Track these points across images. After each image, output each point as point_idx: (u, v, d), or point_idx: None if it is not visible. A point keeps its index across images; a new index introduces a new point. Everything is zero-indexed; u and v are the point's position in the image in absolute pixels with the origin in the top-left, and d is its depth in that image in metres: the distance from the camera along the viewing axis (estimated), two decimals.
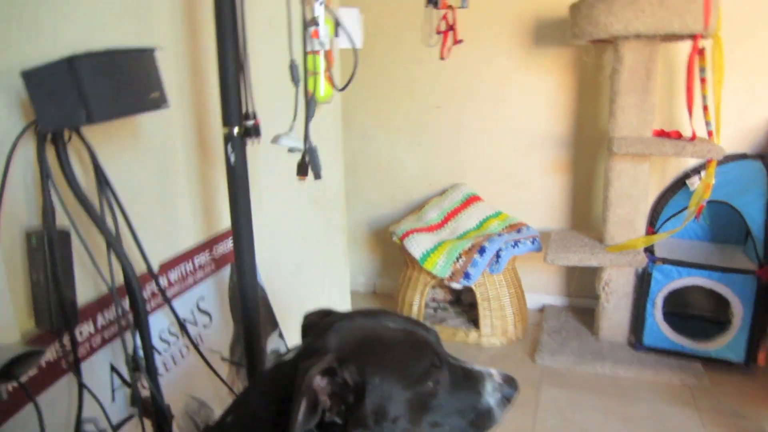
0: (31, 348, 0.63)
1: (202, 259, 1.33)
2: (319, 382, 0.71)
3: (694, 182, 2.38)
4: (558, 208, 2.85)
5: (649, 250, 2.45)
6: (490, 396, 0.82)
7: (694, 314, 2.66)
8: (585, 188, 2.78)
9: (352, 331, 0.79)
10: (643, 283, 2.39)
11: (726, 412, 2.09)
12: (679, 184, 2.51)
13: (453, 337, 2.68)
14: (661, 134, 2.35)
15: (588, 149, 2.73)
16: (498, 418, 0.83)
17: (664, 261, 2.34)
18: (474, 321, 2.73)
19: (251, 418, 0.77)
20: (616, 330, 2.53)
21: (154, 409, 1.03)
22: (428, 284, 2.65)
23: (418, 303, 2.70)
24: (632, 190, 2.34)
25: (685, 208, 2.41)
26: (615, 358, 2.41)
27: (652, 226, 2.57)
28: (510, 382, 0.84)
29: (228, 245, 1.42)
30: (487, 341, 2.64)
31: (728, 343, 2.30)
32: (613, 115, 2.29)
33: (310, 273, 1.85)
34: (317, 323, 0.84)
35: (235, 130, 1.11)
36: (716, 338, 2.32)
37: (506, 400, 0.83)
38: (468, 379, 0.82)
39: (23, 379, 0.82)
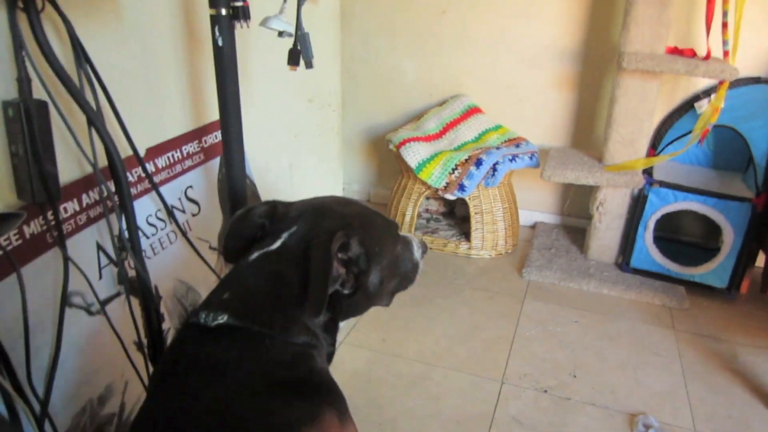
0: (10, 210, 0.62)
1: (190, 148, 1.31)
2: (335, 253, 0.79)
3: (702, 105, 2.31)
4: (559, 125, 2.80)
5: (648, 172, 2.43)
6: (417, 253, 1.07)
7: (683, 240, 2.69)
8: (589, 106, 2.72)
9: (339, 212, 0.87)
10: (637, 205, 2.39)
11: (702, 335, 2.15)
12: (687, 106, 2.45)
13: (443, 248, 2.72)
14: (674, 51, 2.26)
15: (596, 64, 2.64)
16: (420, 269, 1.08)
17: (661, 184, 2.32)
18: (465, 234, 2.75)
19: (253, 294, 0.79)
20: (605, 250, 2.56)
21: (140, 287, 1.05)
22: (422, 194, 2.65)
23: (411, 213, 2.71)
24: (638, 109, 2.28)
25: (690, 131, 2.36)
26: (601, 277, 2.46)
27: (654, 149, 2.54)
28: (423, 243, 1.11)
29: (217, 137, 1.39)
30: (477, 254, 2.68)
31: (714, 269, 2.33)
32: (626, 28, 2.19)
33: (303, 174, 1.84)
34: (282, 211, 0.89)
35: (223, 11, 1.05)
36: (703, 264, 2.36)
37: (423, 254, 1.09)
38: (406, 243, 1.04)
39: (6, 244, 0.82)
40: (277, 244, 0.83)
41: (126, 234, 1.02)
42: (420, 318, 2.22)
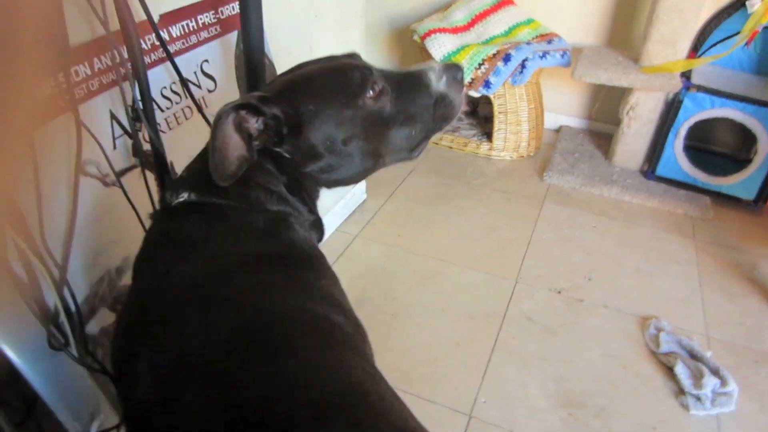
0: None
1: (206, 18, 1.22)
2: (238, 116, 0.70)
3: (755, 3, 2.13)
4: (596, 22, 2.62)
5: (686, 76, 2.30)
6: (438, 84, 0.84)
7: (713, 149, 2.59)
8: (631, 0, 2.53)
9: (280, 78, 0.81)
10: (671, 110, 2.28)
11: (722, 245, 2.12)
12: (737, 4, 2.26)
13: (464, 148, 2.65)
14: None
15: None
16: (457, 102, 0.86)
17: (699, 88, 2.20)
18: (488, 134, 2.67)
19: (207, 168, 0.73)
20: (631, 157, 2.48)
21: (155, 161, 1.02)
22: None
23: None
24: (685, 3, 2.11)
25: (737, 33, 2.20)
26: (624, 184, 2.40)
27: (695, 51, 2.38)
28: (452, 65, 0.86)
29: (235, 8, 1.30)
30: (498, 155, 2.61)
31: (743, 181, 2.26)
32: None
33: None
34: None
35: None
36: (732, 174, 2.28)
37: (455, 81, 0.85)
38: (410, 80, 0.84)
39: None
40: None
41: (140, 104, 0.97)
42: (437, 216, 2.20)
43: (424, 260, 1.96)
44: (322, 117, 0.75)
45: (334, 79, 0.78)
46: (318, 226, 0.85)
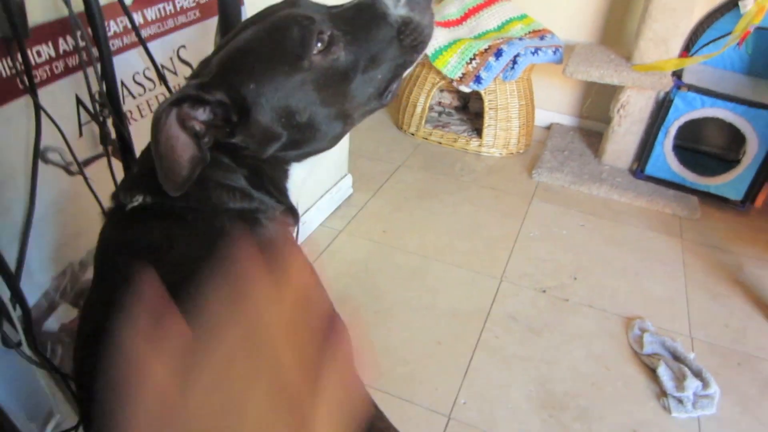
0: None
1: (184, 2, 1.18)
2: (181, 112, 0.61)
3: (747, 3, 2.11)
4: (589, 19, 2.59)
5: (677, 75, 2.27)
6: (397, 8, 0.69)
7: (702, 149, 2.57)
8: None
9: (213, 58, 0.67)
10: (661, 109, 2.26)
11: (708, 245, 2.10)
12: (730, 5, 2.24)
13: (453, 143, 2.62)
14: None
15: None
16: (425, 22, 0.70)
17: (690, 88, 2.17)
18: (477, 130, 2.64)
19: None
20: (621, 155, 2.46)
21: (122, 150, 0.97)
22: (436, 85, 2.51)
23: (422, 104, 2.58)
24: (678, 3, 2.09)
25: (729, 33, 2.18)
26: (613, 183, 2.37)
27: (687, 51, 2.36)
28: None
29: None
30: (487, 151, 2.58)
31: (731, 181, 2.24)
32: None
33: None
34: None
35: None
36: (720, 175, 2.26)
37: (409, 1, 0.69)
38: (363, 13, 0.69)
39: None
40: None
41: (105, 89, 0.93)
42: (423, 212, 2.17)
43: (410, 257, 1.93)
44: (268, 94, 0.64)
45: (271, 43, 0.65)
46: (291, 212, 0.77)
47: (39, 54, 0.88)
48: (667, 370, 1.50)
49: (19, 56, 0.80)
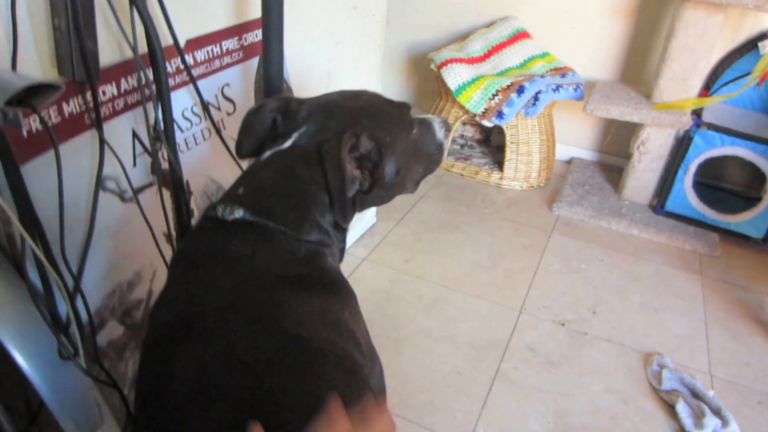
0: (48, 80, 0.61)
1: (230, 44, 1.27)
2: (347, 157, 0.77)
3: (767, 44, 2.16)
4: (610, 57, 2.66)
5: (696, 114, 2.32)
6: (439, 134, 1.00)
7: (722, 187, 2.60)
8: (644, 38, 2.57)
9: (347, 107, 0.85)
10: (681, 146, 2.30)
11: (729, 282, 2.11)
12: (750, 45, 2.29)
13: (475, 176, 2.68)
14: None
15: None
16: (446, 148, 1.02)
17: (709, 126, 2.22)
18: (499, 163, 2.70)
19: (267, 191, 0.80)
20: (641, 191, 2.50)
21: (172, 180, 1.05)
22: (459, 119, 2.58)
23: None
24: (697, 43, 2.15)
25: (749, 73, 2.22)
26: (633, 218, 2.41)
27: (707, 90, 2.41)
28: (444, 121, 1.02)
29: (258, 35, 1.35)
30: (508, 184, 2.64)
31: (752, 219, 2.26)
32: None
33: (341, 84, 1.79)
34: (294, 108, 0.88)
35: None
36: (741, 212, 2.28)
37: (445, 136, 1.01)
38: (425, 125, 0.97)
39: (44, 115, 0.82)
40: (288, 143, 0.85)
41: (161, 124, 1.01)
42: (444, 243, 2.22)
43: (431, 286, 1.98)
44: (396, 148, 0.82)
45: (397, 111, 0.87)
46: (341, 251, 0.90)
47: (104, 93, 0.97)
48: (686, 406, 1.52)
49: (89, 96, 0.89)
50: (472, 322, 1.83)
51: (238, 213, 0.77)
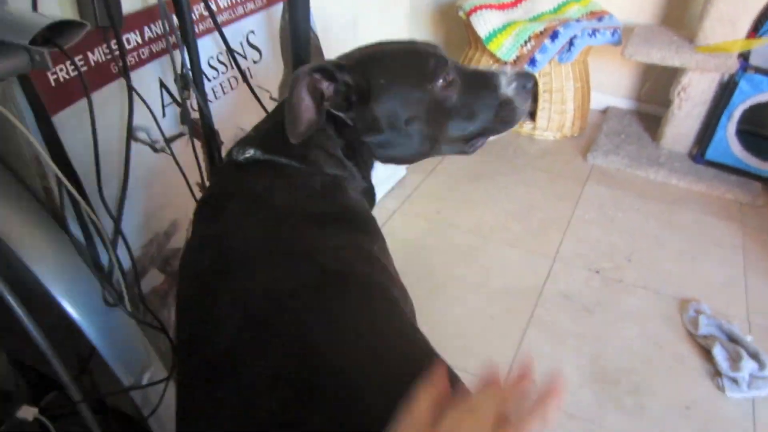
0: (72, 19, 0.61)
1: None
2: (314, 75, 0.74)
3: None
4: (650, 0, 2.53)
5: (743, 57, 2.20)
6: (507, 88, 0.86)
7: (767, 134, 2.48)
8: None
9: (358, 51, 0.84)
10: (725, 92, 2.20)
11: None
12: None
13: None
14: None
15: None
16: (521, 108, 0.88)
17: (757, 70, 2.11)
18: (531, 113, 2.63)
19: (273, 129, 0.80)
20: (680, 139, 2.41)
21: (203, 130, 1.06)
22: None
23: None
24: None
25: None
26: (671, 167, 2.34)
27: (755, 31, 2.28)
28: (524, 74, 0.88)
29: None
30: (541, 134, 2.58)
31: None
32: None
33: (367, 31, 1.76)
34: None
35: None
36: None
37: (523, 89, 0.87)
38: (480, 78, 0.87)
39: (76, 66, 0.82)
40: None
41: (189, 72, 1.01)
42: (477, 193, 2.20)
43: (464, 236, 1.97)
44: (391, 92, 0.79)
45: (410, 60, 0.82)
46: (369, 193, 0.89)
47: (128, 41, 0.98)
48: (723, 350, 1.50)
49: (113, 44, 0.89)
50: (505, 270, 1.83)
51: (249, 152, 0.78)
